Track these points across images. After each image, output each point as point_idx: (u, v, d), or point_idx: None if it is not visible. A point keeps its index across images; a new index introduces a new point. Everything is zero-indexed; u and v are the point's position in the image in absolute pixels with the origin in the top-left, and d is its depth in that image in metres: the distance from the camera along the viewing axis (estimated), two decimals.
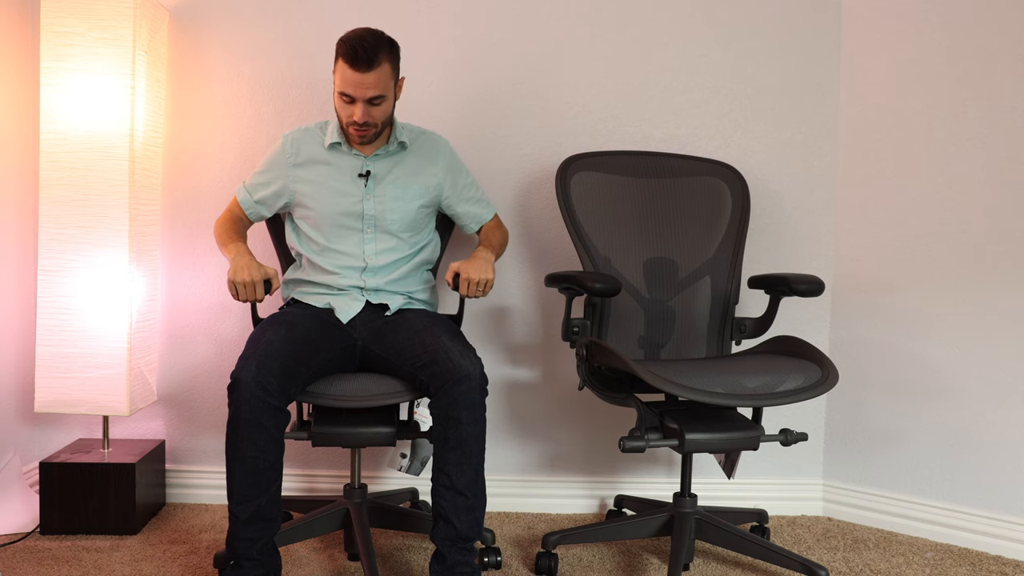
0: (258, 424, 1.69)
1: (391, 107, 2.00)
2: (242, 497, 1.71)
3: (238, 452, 1.70)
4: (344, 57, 1.89)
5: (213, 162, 2.48)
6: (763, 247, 2.48)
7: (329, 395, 1.85)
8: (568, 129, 2.47)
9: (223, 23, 2.45)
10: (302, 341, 1.85)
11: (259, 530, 1.72)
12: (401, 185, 2.07)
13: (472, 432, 1.77)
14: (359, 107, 1.92)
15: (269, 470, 1.71)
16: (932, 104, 2.31)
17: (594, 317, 2.10)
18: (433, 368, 1.79)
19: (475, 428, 1.77)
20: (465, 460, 1.77)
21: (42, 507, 2.21)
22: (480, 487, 1.81)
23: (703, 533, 2.03)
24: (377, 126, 1.99)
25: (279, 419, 1.72)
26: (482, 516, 1.81)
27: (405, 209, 2.07)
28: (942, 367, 2.30)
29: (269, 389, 1.69)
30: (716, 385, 1.79)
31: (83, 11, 2.19)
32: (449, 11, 2.45)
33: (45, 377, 2.23)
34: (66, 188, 2.21)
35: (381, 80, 1.90)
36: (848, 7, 2.44)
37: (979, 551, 2.23)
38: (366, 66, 1.87)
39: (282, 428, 1.73)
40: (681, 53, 2.46)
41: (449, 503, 1.77)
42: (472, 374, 1.76)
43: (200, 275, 2.49)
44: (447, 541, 1.78)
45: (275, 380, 1.71)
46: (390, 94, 1.96)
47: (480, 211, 2.21)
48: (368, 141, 2.02)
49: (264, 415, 1.69)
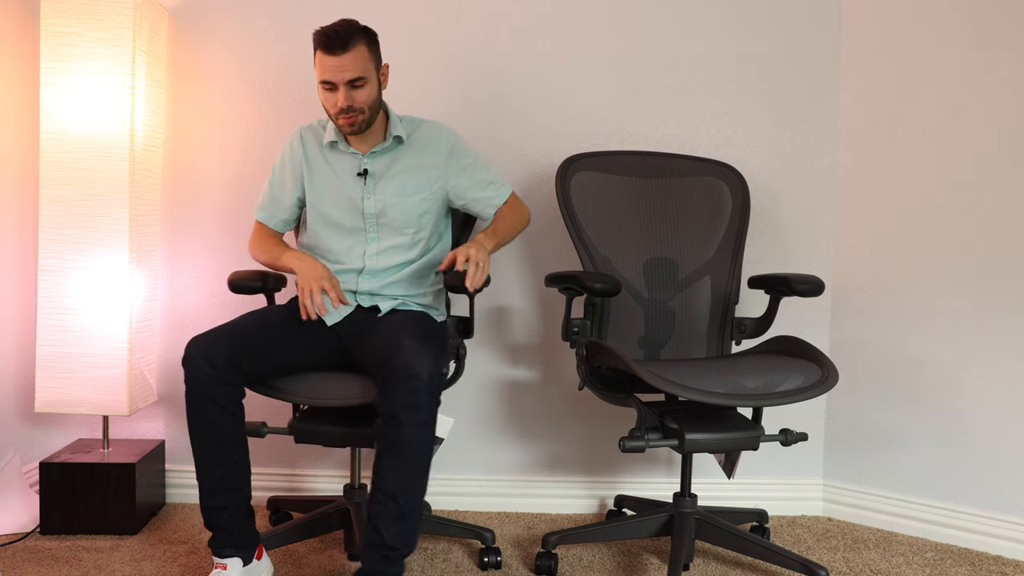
0: (208, 398, 1.73)
1: (375, 92, 1.96)
2: (203, 469, 1.76)
3: (194, 426, 1.75)
4: (319, 46, 1.91)
5: (213, 162, 2.48)
6: (763, 247, 2.48)
7: (291, 391, 1.84)
8: (568, 129, 2.47)
9: (223, 23, 2.45)
10: (267, 326, 1.88)
11: (224, 500, 1.76)
12: (401, 180, 2.03)
13: (413, 435, 1.66)
14: (341, 92, 1.91)
15: (227, 442, 1.76)
16: (932, 104, 2.30)
17: (594, 317, 2.10)
18: (386, 365, 1.70)
19: (417, 432, 1.66)
20: (402, 464, 1.66)
21: (42, 507, 2.21)
22: (416, 495, 1.69)
23: (703, 533, 2.03)
24: (363, 111, 1.95)
25: (230, 392, 1.75)
26: (414, 527, 1.70)
27: (406, 204, 2.03)
28: (942, 367, 2.30)
29: (215, 363, 1.72)
30: (716, 385, 1.79)
31: (83, 11, 2.19)
32: (449, 11, 2.45)
33: (45, 377, 2.23)
34: (66, 188, 2.21)
35: (358, 61, 1.90)
36: (848, 7, 2.44)
37: (979, 551, 2.23)
38: (341, 48, 1.88)
39: (236, 401, 1.76)
40: (681, 53, 2.46)
41: (379, 507, 1.67)
42: (419, 374, 1.65)
43: (200, 275, 2.49)
44: (371, 547, 1.68)
45: (223, 355, 1.73)
46: (371, 77, 1.93)
47: (491, 195, 2.11)
48: (358, 130, 1.97)
49: (213, 389, 1.72)
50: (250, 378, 1.80)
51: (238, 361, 1.75)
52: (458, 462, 2.52)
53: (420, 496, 1.71)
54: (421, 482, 1.70)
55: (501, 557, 2.07)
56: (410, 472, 1.67)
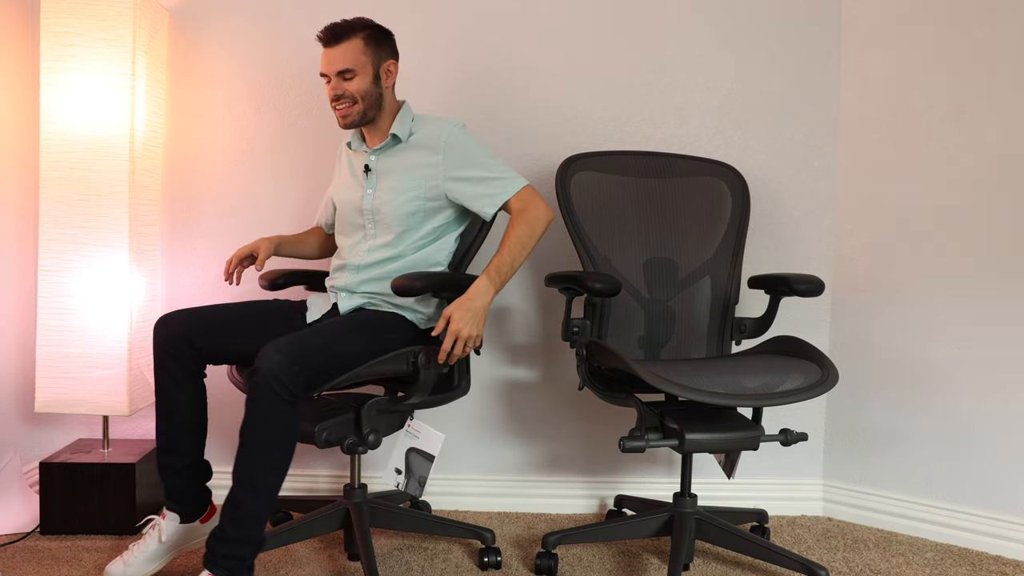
0: (161, 367, 1.89)
1: (366, 85, 1.97)
2: (157, 428, 1.92)
3: (156, 390, 1.92)
4: (320, 41, 1.99)
5: (213, 162, 2.48)
6: (763, 247, 2.48)
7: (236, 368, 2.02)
8: (568, 129, 2.47)
9: (223, 23, 2.45)
10: (237, 313, 1.98)
11: (170, 458, 1.92)
12: (397, 178, 2.01)
13: (250, 427, 1.67)
14: (332, 82, 1.98)
15: (173, 407, 1.90)
16: (932, 104, 2.31)
17: (594, 317, 2.09)
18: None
19: (254, 425, 1.67)
20: (242, 452, 1.68)
21: (42, 507, 2.21)
22: (254, 486, 1.68)
23: (703, 533, 2.03)
24: (354, 100, 1.96)
25: (180, 364, 1.88)
26: (250, 516, 1.69)
27: (398, 201, 2.00)
28: (942, 367, 2.30)
29: (168, 336, 1.88)
30: (716, 385, 1.79)
31: (83, 11, 2.19)
32: (448, 11, 2.45)
33: (45, 377, 2.24)
34: (66, 188, 2.21)
35: (348, 53, 1.95)
36: (848, 7, 2.44)
37: (979, 551, 2.23)
38: (334, 41, 1.96)
39: (187, 373, 1.89)
40: (681, 53, 2.46)
41: (231, 490, 1.71)
42: (259, 368, 1.65)
43: (200, 275, 2.49)
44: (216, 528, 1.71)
45: (177, 331, 1.88)
46: (362, 70, 1.96)
47: (491, 192, 1.97)
48: (353, 123, 1.99)
49: (166, 360, 1.88)
50: (204, 355, 1.91)
51: (191, 337, 1.88)
52: (458, 462, 2.52)
53: (258, 486, 1.68)
54: (261, 473, 1.68)
55: (501, 557, 2.07)
56: (247, 463, 1.68)
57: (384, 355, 1.86)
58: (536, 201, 1.97)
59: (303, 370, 1.67)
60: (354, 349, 1.83)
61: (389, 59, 2.02)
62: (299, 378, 1.67)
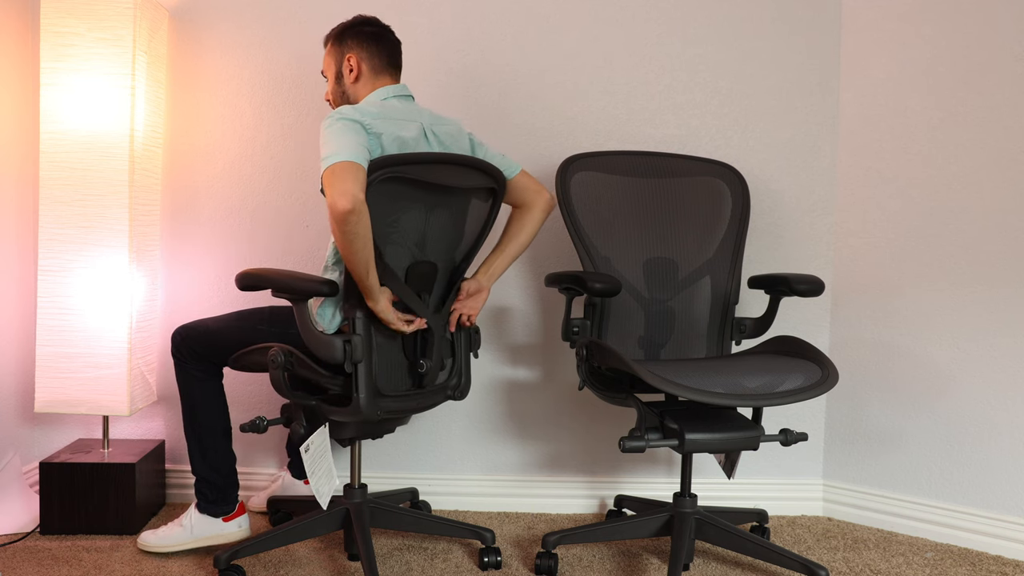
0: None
1: (332, 86, 2.02)
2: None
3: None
4: None
5: (213, 162, 2.48)
6: (763, 247, 2.48)
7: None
8: (568, 129, 2.47)
9: (223, 23, 2.45)
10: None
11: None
12: None
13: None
14: None
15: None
16: (932, 104, 2.31)
17: (594, 317, 2.10)
18: None
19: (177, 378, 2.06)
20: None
21: (42, 507, 2.21)
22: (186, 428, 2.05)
23: (703, 533, 2.03)
24: (331, 103, 2.05)
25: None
26: (190, 455, 2.06)
27: None
28: (942, 367, 2.30)
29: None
30: (716, 385, 1.79)
31: (83, 11, 2.19)
32: (449, 11, 2.45)
33: (45, 377, 2.23)
34: (66, 188, 2.21)
35: (325, 58, 2.05)
36: (848, 7, 2.44)
37: (979, 551, 2.23)
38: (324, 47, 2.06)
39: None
40: (681, 53, 2.46)
41: None
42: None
43: (200, 275, 2.49)
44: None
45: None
46: (329, 72, 2.03)
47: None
48: None
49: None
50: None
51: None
52: (458, 462, 2.52)
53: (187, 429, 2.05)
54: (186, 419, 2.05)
55: (501, 557, 2.07)
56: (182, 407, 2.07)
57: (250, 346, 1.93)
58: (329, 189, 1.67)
59: (183, 339, 2.03)
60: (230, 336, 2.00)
61: (349, 53, 1.99)
62: (181, 344, 2.02)
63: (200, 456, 2.05)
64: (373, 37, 1.99)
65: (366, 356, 1.80)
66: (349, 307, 1.82)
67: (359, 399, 1.80)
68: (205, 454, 2.05)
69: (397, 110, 1.90)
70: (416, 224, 1.84)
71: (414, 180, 1.79)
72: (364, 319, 1.81)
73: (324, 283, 1.79)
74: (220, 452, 2.06)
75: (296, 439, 1.88)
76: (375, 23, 2.02)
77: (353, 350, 1.78)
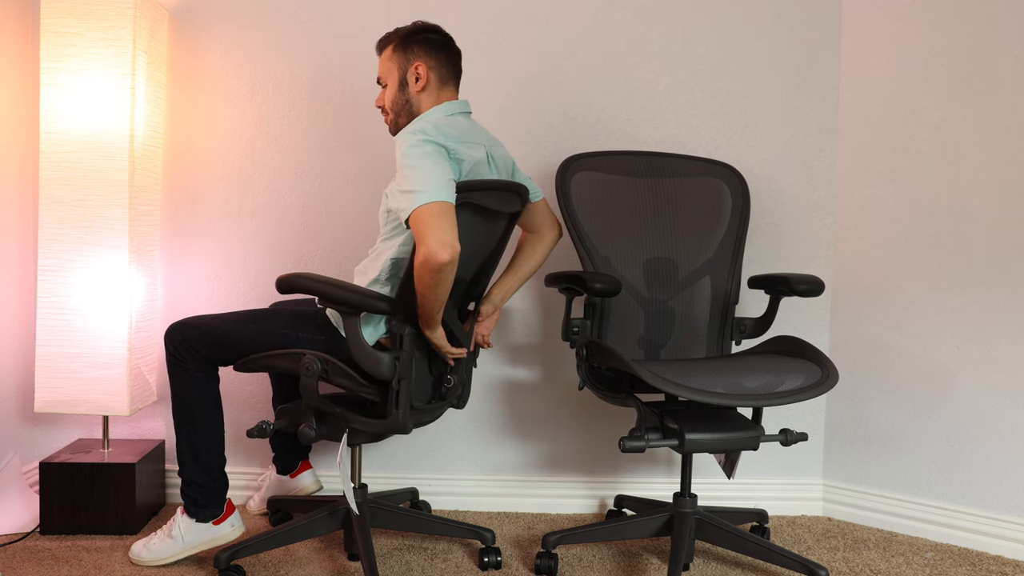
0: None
1: (393, 94, 1.95)
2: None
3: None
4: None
5: (213, 162, 2.48)
6: (763, 247, 2.48)
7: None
8: (568, 129, 2.47)
9: (223, 23, 2.45)
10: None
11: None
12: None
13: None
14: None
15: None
16: (932, 104, 2.31)
17: (594, 317, 2.10)
18: None
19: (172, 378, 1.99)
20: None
21: (42, 507, 2.21)
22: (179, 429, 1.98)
23: (703, 533, 2.03)
24: (387, 112, 1.98)
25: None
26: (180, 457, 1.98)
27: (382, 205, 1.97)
28: (942, 367, 2.30)
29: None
30: (716, 385, 1.79)
31: (83, 11, 2.19)
32: (449, 12, 2.45)
33: (45, 377, 2.23)
34: (66, 188, 2.21)
35: (382, 64, 1.99)
36: (848, 7, 2.44)
37: (979, 551, 2.23)
38: (377, 52, 2.01)
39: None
40: (681, 53, 2.46)
41: None
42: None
43: (200, 275, 2.49)
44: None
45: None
46: (390, 79, 1.96)
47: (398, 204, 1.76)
48: (393, 132, 1.98)
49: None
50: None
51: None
52: (458, 462, 2.52)
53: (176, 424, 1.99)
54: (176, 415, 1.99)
55: (501, 557, 2.07)
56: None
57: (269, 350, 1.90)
58: (427, 234, 1.65)
59: (184, 339, 1.93)
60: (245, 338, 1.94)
61: (416, 61, 1.93)
62: (181, 345, 1.93)
63: (192, 459, 1.97)
64: (440, 45, 1.97)
65: (409, 372, 1.81)
66: (398, 323, 1.81)
67: (398, 414, 1.80)
68: (198, 457, 1.97)
69: (467, 131, 1.89)
70: (464, 247, 1.78)
71: (475, 205, 1.80)
72: (412, 336, 1.81)
73: (381, 299, 1.78)
74: (215, 455, 2.00)
75: (305, 441, 1.87)
76: (440, 31, 1.98)
77: (401, 366, 1.78)
